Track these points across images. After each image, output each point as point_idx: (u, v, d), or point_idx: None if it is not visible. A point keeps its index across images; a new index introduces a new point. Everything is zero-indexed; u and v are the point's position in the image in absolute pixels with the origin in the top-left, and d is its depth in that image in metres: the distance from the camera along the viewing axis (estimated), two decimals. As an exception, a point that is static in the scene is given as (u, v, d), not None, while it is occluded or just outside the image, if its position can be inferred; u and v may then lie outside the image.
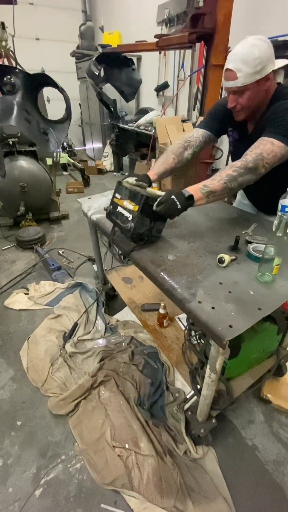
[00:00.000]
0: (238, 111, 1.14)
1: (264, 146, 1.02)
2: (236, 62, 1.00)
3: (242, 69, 0.99)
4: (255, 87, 1.04)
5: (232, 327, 0.75)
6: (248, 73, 1.00)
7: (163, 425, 1.36)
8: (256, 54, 0.97)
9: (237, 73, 1.01)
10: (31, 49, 5.69)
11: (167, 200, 1.01)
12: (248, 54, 0.98)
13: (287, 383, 1.53)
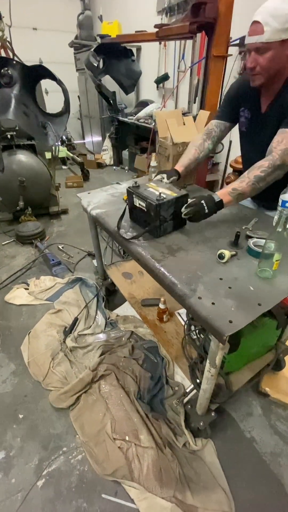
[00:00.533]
0: (255, 74, 1.07)
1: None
2: (264, 15, 0.94)
3: (270, 23, 0.93)
4: (279, 48, 0.97)
5: (232, 322, 0.75)
6: (275, 29, 0.93)
7: (163, 418, 1.38)
8: (286, 10, 0.91)
9: (264, 26, 0.94)
10: (29, 39, 5.56)
11: (197, 204, 1.08)
12: (278, 9, 0.92)
13: (285, 377, 1.55)
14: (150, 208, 1.09)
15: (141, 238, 1.16)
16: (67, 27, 5.39)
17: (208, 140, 1.37)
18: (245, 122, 1.28)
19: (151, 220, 1.12)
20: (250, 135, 1.27)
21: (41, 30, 5.60)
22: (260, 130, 1.21)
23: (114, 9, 4.98)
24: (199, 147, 1.36)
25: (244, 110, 1.26)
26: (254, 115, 1.23)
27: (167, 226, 1.16)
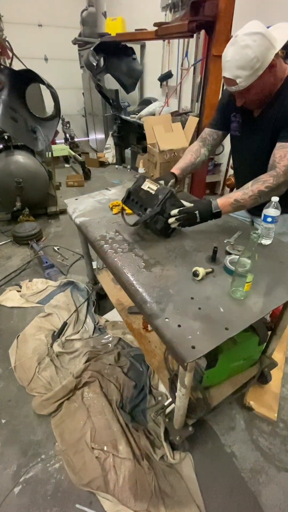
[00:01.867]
0: (248, 105, 1.09)
1: None
2: (231, 70, 0.95)
3: (240, 75, 0.94)
4: (260, 81, 0.97)
5: (195, 348, 0.73)
6: (247, 76, 0.94)
7: (143, 428, 1.37)
8: (250, 56, 0.91)
9: (236, 79, 0.96)
10: (34, 36, 5.55)
11: (189, 213, 1.09)
12: (241, 59, 0.92)
13: (271, 391, 1.52)
14: (160, 192, 1.11)
15: (119, 249, 1.14)
16: (72, 24, 5.34)
17: (203, 147, 1.38)
18: (237, 126, 1.25)
19: (152, 205, 1.11)
20: (242, 139, 1.26)
21: (46, 26, 5.57)
22: (251, 134, 1.20)
23: (118, 5, 4.90)
24: (195, 152, 1.37)
25: (236, 114, 1.24)
26: (246, 120, 1.21)
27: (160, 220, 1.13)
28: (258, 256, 0.80)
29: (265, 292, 0.90)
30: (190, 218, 1.10)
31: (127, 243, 1.18)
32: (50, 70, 5.93)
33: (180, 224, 1.13)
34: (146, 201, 1.15)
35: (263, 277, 0.96)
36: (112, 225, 1.33)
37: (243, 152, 1.29)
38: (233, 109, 1.23)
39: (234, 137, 1.31)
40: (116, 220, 1.37)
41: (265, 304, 0.85)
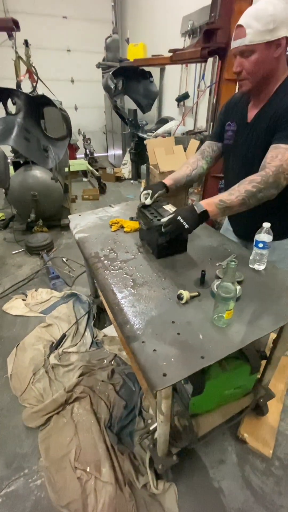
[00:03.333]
0: (242, 80, 1.03)
1: (282, 156, 0.95)
2: (247, 18, 0.92)
3: (253, 25, 0.91)
4: (264, 51, 0.94)
5: (166, 376, 0.72)
6: (258, 30, 0.90)
7: (129, 452, 1.33)
8: (270, 11, 0.89)
9: (246, 29, 0.92)
10: (63, 60, 5.97)
11: (172, 222, 1.02)
12: (261, 10, 0.90)
13: (268, 424, 1.43)
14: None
15: (111, 267, 1.16)
16: (97, 49, 5.68)
17: (202, 159, 1.36)
18: (231, 135, 1.23)
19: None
20: (234, 146, 1.22)
21: (74, 51, 5.97)
22: (244, 140, 1.16)
23: (141, 32, 5.19)
24: (192, 165, 1.36)
25: (230, 124, 1.22)
26: (239, 126, 1.18)
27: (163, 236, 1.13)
28: (243, 282, 0.78)
29: (249, 320, 0.87)
30: (178, 227, 1.01)
31: (119, 261, 1.20)
32: (76, 91, 6.33)
33: (172, 234, 1.06)
34: (161, 214, 1.18)
35: (251, 304, 0.93)
36: (109, 243, 1.35)
37: (235, 161, 1.24)
38: (229, 118, 1.23)
39: (227, 146, 1.28)
40: (113, 238, 1.40)
41: (246, 334, 0.82)
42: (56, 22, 5.63)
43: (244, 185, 1.00)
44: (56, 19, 5.61)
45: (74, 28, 5.76)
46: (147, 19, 5.17)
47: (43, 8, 5.42)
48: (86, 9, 5.70)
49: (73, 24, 5.73)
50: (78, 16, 5.70)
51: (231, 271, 0.77)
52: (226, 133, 1.25)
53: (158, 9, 4.79)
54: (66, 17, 5.65)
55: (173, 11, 4.28)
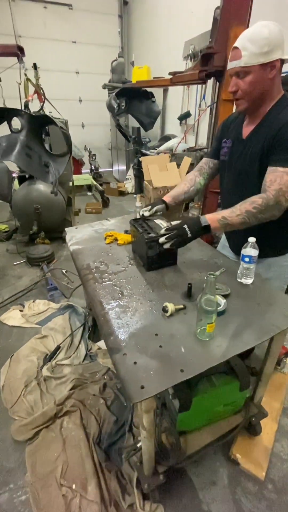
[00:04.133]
0: (238, 98, 1.07)
1: (281, 179, 0.99)
2: (243, 40, 0.97)
3: (248, 47, 0.95)
4: (259, 72, 0.97)
5: (144, 388, 0.72)
6: (252, 53, 0.94)
7: (116, 470, 1.30)
8: (265, 34, 0.93)
9: (242, 51, 0.96)
10: (71, 81, 6.29)
11: (178, 229, 1.08)
12: (256, 33, 0.94)
13: (261, 445, 1.38)
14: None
15: (100, 279, 1.18)
16: (104, 71, 5.98)
17: (199, 176, 1.41)
18: (226, 151, 1.27)
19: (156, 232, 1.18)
20: (229, 162, 1.25)
21: (82, 73, 6.30)
22: (239, 156, 1.19)
23: (146, 56, 5.46)
24: (190, 182, 1.41)
25: (226, 141, 1.26)
26: (235, 142, 1.22)
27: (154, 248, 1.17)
28: (229, 296, 0.79)
29: (232, 334, 0.87)
30: (181, 234, 1.07)
31: (109, 273, 1.22)
32: (83, 110, 6.61)
33: (173, 244, 1.09)
34: (152, 227, 1.22)
35: (235, 318, 0.94)
36: (101, 255, 1.38)
37: (230, 177, 1.27)
38: (226, 135, 1.27)
39: (223, 163, 1.31)
40: (106, 250, 1.43)
41: (228, 348, 0.82)
42: (66, 47, 5.97)
43: (246, 205, 1.03)
44: (66, 44, 5.96)
45: (82, 52, 6.10)
46: (151, 43, 5.46)
47: (54, 33, 5.78)
48: (94, 35, 6.05)
49: (81, 48, 6.07)
50: (86, 41, 6.05)
51: (210, 285, 0.78)
52: (222, 150, 1.29)
53: (162, 35, 5.06)
54: (75, 42, 6.00)
55: (176, 36, 4.52)
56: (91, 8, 5.89)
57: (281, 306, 0.98)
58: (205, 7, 3.69)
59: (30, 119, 2.03)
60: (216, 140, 1.35)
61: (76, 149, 5.75)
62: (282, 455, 1.38)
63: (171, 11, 4.73)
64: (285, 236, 1.23)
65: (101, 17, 6.04)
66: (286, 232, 1.21)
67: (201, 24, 3.69)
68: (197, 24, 3.89)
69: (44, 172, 2.15)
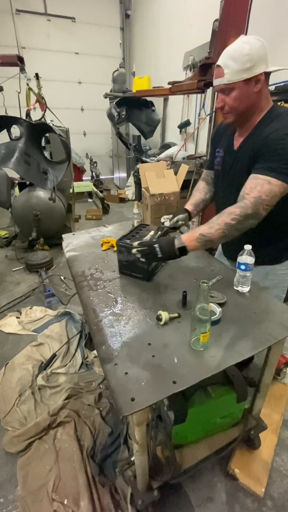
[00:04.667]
0: (225, 113, 1.07)
1: (261, 187, 0.96)
2: (224, 58, 0.97)
3: (230, 65, 0.94)
4: (243, 87, 0.97)
5: (134, 400, 0.69)
6: (235, 70, 0.94)
7: (110, 485, 1.26)
8: (245, 51, 0.92)
9: (224, 69, 0.96)
10: (74, 91, 6.41)
11: (149, 246, 1.07)
12: (237, 50, 0.94)
13: (261, 459, 1.34)
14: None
15: (95, 286, 1.16)
16: (106, 81, 6.10)
17: (208, 185, 1.42)
18: (220, 161, 1.27)
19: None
20: (223, 173, 1.26)
21: (85, 83, 6.42)
22: (230, 167, 1.19)
23: (147, 66, 5.56)
24: (203, 190, 1.42)
25: (219, 150, 1.26)
26: (227, 153, 1.22)
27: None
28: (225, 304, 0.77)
29: (227, 344, 0.85)
30: (150, 253, 1.06)
31: (104, 280, 1.21)
32: (85, 118, 6.71)
33: (143, 257, 1.09)
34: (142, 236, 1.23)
35: (231, 327, 0.91)
36: (97, 261, 1.37)
37: (224, 186, 1.27)
38: (218, 145, 1.27)
39: (217, 172, 1.32)
40: (102, 257, 1.42)
41: (223, 359, 0.80)
42: (68, 58, 6.11)
43: (223, 218, 1.01)
44: (69, 55, 6.09)
45: (85, 63, 6.23)
46: (152, 54, 5.57)
47: (57, 45, 5.92)
48: (96, 46, 6.19)
49: (84, 59, 6.21)
50: (89, 52, 6.19)
51: (204, 293, 0.76)
52: (216, 159, 1.29)
53: (163, 46, 5.16)
54: (78, 53, 6.14)
55: (176, 48, 4.61)
56: (94, 21, 6.04)
57: (278, 315, 0.96)
58: (204, 19, 3.76)
59: (29, 127, 2.05)
60: (211, 150, 1.36)
61: (77, 157, 5.82)
62: (282, 470, 1.33)
63: (171, 23, 4.84)
64: (282, 244, 1.21)
65: (103, 29, 6.19)
66: (283, 240, 1.20)
67: (200, 36, 3.77)
68: (197, 36, 3.97)
69: (42, 179, 2.17)
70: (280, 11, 2.71)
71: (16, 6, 5.39)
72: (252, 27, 2.38)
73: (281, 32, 2.73)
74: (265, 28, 2.82)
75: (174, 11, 4.72)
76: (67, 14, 5.80)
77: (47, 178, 2.15)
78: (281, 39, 2.72)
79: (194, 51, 4.05)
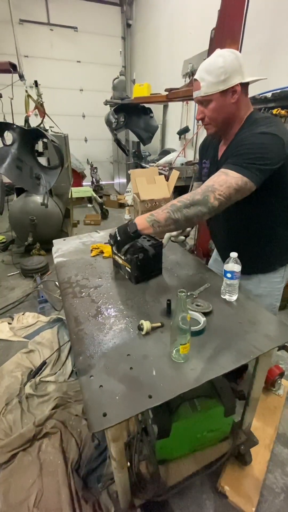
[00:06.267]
0: (206, 124, 1.10)
1: (217, 178, 0.97)
2: (200, 72, 1.00)
3: (205, 78, 0.98)
4: (220, 98, 1.00)
5: (106, 416, 0.66)
6: (210, 82, 0.97)
7: (94, 500, 1.20)
8: (219, 64, 0.95)
9: (200, 82, 0.99)
10: (76, 98, 6.51)
11: (111, 234, 1.15)
12: (212, 64, 0.97)
13: (252, 476, 1.28)
14: None
15: (79, 294, 1.14)
16: (106, 88, 6.18)
17: None
18: (206, 172, 1.27)
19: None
20: None
21: (86, 90, 6.51)
22: None
23: (147, 74, 5.64)
24: None
25: (206, 161, 1.27)
26: (212, 164, 1.23)
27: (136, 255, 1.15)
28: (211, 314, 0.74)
29: (209, 356, 0.81)
30: (113, 237, 1.14)
31: (89, 287, 1.18)
32: (86, 125, 6.79)
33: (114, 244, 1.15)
34: None
35: (214, 338, 0.88)
36: (85, 268, 1.35)
37: None
38: (204, 156, 1.28)
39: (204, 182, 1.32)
40: (91, 263, 1.39)
41: (203, 372, 0.76)
42: (70, 66, 6.22)
43: (173, 201, 1.02)
44: (71, 63, 6.20)
45: (86, 71, 6.33)
46: (152, 62, 5.65)
47: (60, 54, 6.03)
48: (98, 55, 6.30)
49: (86, 67, 6.31)
50: (90, 61, 6.30)
51: (181, 302, 0.73)
52: (203, 170, 1.30)
53: (163, 54, 5.23)
54: (80, 62, 6.24)
55: (176, 55, 4.67)
56: (96, 31, 6.16)
57: (264, 326, 0.92)
58: (203, 28, 3.80)
59: (22, 132, 2.07)
60: (200, 161, 1.36)
61: (77, 162, 5.86)
62: (274, 488, 1.27)
63: (171, 32, 4.91)
64: (275, 252, 1.18)
65: (105, 38, 6.31)
66: (276, 248, 1.17)
67: (200, 44, 3.80)
68: (196, 44, 4.01)
69: (35, 184, 2.17)
70: (276, 20, 2.73)
71: (20, 16, 5.52)
72: (248, 35, 2.40)
73: (276, 40, 2.74)
74: (261, 37, 2.84)
75: (174, 20, 4.79)
76: (70, 24, 5.93)
77: (39, 184, 2.15)
78: (275, 47, 2.74)
79: (193, 59, 4.08)
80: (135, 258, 1.11)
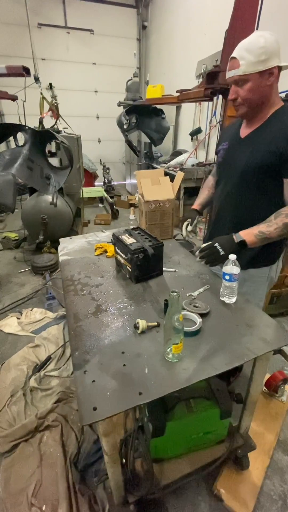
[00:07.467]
0: (238, 105, 1.09)
1: None
2: (240, 50, 0.99)
3: (245, 57, 0.97)
4: (257, 79, 0.99)
5: (96, 410, 0.68)
6: (250, 62, 0.96)
7: (90, 494, 1.23)
8: (261, 43, 0.95)
9: (240, 60, 0.98)
10: (90, 99, 6.61)
11: (210, 248, 1.10)
12: (253, 43, 0.96)
13: (249, 481, 1.27)
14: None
15: (80, 291, 1.17)
16: (120, 90, 6.24)
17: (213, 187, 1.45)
18: (223, 153, 1.26)
19: None
20: (223, 163, 1.27)
21: (100, 92, 6.60)
22: (238, 154, 1.17)
23: (161, 75, 5.65)
24: (212, 187, 1.45)
25: (224, 144, 1.27)
26: (232, 143, 1.22)
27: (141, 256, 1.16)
28: (209, 315, 0.74)
29: (202, 357, 0.82)
30: (213, 253, 1.09)
31: (90, 285, 1.20)
32: (100, 126, 6.88)
33: (207, 262, 1.12)
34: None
35: (209, 340, 0.88)
36: (88, 266, 1.38)
37: (227, 174, 1.25)
38: (223, 140, 1.29)
39: (219, 165, 1.32)
40: (94, 262, 1.42)
41: (194, 372, 0.77)
42: (86, 68, 6.32)
43: (282, 218, 1.03)
44: (86, 65, 6.30)
45: (101, 73, 6.42)
46: (167, 64, 5.65)
47: (76, 56, 6.14)
48: (113, 57, 6.37)
49: (100, 69, 6.39)
50: (105, 63, 6.37)
51: (174, 303, 0.74)
52: (219, 153, 1.30)
53: (177, 55, 5.23)
54: (95, 64, 6.33)
55: (190, 57, 4.66)
56: (111, 33, 6.23)
57: (261, 329, 0.92)
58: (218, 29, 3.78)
59: (34, 134, 2.13)
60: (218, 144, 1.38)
61: (90, 163, 5.94)
62: (272, 495, 1.25)
63: (186, 33, 4.90)
64: (264, 248, 1.16)
65: (120, 40, 6.37)
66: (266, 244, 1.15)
67: (214, 45, 3.78)
68: (210, 45, 4.01)
69: (45, 184, 2.23)
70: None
71: (39, 21, 5.67)
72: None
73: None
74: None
75: (189, 21, 4.78)
76: (86, 27, 6.03)
77: (49, 183, 2.21)
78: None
79: (206, 59, 4.06)
80: (135, 257, 1.13)
